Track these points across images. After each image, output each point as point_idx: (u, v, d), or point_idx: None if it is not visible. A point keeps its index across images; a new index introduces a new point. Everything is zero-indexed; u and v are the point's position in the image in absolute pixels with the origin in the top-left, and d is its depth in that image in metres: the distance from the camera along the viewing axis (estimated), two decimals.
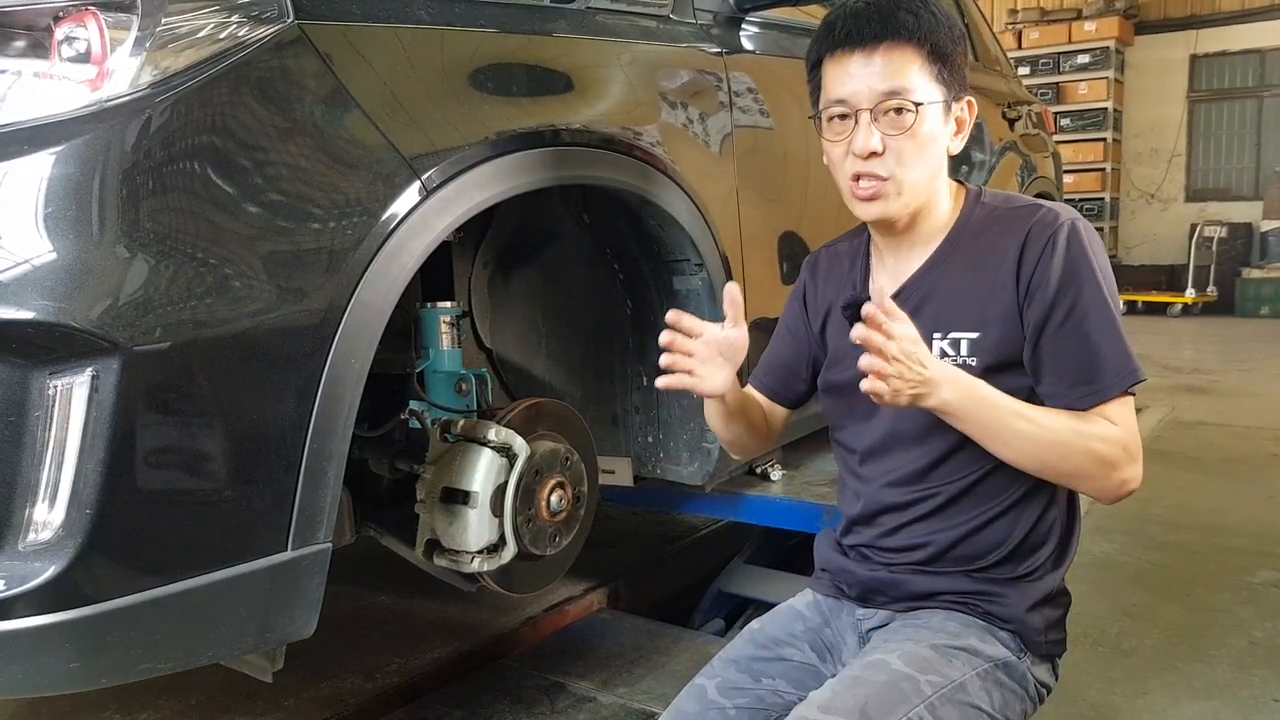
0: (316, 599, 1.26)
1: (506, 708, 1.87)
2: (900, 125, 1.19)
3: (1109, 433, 1.14)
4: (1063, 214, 1.20)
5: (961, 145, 1.26)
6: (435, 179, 1.32)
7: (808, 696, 1.15)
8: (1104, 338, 1.15)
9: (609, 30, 1.76)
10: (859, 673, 1.16)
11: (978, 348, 1.20)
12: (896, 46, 1.19)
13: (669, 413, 2.01)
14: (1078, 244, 1.17)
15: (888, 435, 1.28)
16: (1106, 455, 1.13)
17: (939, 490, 1.24)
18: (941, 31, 1.20)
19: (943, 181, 1.26)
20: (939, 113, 1.21)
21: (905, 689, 1.12)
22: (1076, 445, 1.13)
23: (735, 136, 1.97)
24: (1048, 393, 1.18)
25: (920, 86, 1.19)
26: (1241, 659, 2.22)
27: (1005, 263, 1.19)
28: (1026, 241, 1.18)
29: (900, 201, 1.23)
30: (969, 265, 1.23)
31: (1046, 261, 1.16)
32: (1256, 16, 10.29)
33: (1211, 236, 9.99)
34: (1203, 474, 3.76)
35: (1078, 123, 10.41)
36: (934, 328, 1.22)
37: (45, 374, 1.05)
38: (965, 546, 1.23)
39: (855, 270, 1.36)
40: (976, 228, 1.25)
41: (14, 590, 1.05)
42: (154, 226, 1.08)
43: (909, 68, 1.19)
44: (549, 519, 1.62)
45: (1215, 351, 7.33)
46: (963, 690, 1.15)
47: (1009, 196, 1.29)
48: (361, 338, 1.25)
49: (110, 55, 1.10)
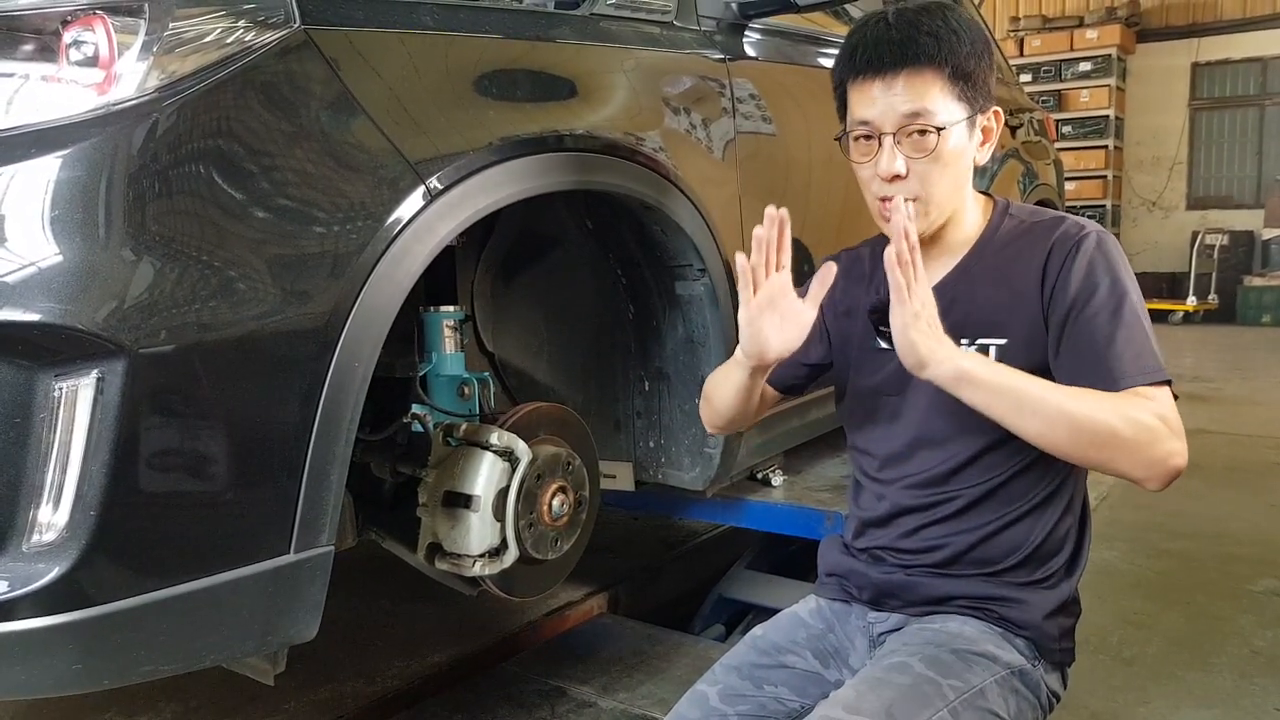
0: (318, 602, 1.26)
1: (507, 712, 1.87)
2: (923, 148, 1.20)
3: (1144, 405, 1.10)
4: (1088, 226, 1.22)
5: (989, 155, 1.27)
6: (440, 184, 1.32)
7: (830, 696, 1.15)
8: (1122, 334, 1.14)
9: (612, 36, 1.77)
10: (882, 675, 1.16)
11: (1005, 354, 1.20)
12: (918, 72, 1.19)
13: (670, 418, 2.01)
14: (1100, 252, 1.19)
15: (913, 440, 1.28)
16: (1145, 422, 1.07)
17: (960, 494, 1.24)
18: (963, 50, 1.20)
19: (969, 192, 1.28)
20: (963, 130, 1.22)
21: (929, 692, 1.12)
22: (1112, 413, 1.08)
23: (738, 142, 1.97)
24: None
25: (942, 109, 1.20)
26: (1242, 667, 2.21)
27: (1030, 272, 1.20)
28: (1051, 251, 1.20)
29: (927, 220, 1.24)
30: (995, 275, 1.24)
31: (1069, 267, 1.18)
32: (1258, 25, 10.30)
33: (1213, 244, 9.99)
34: (1204, 482, 3.75)
35: (1079, 130, 10.42)
36: (960, 334, 1.22)
37: (50, 376, 1.06)
38: (983, 549, 1.24)
39: (878, 275, 1.34)
40: (1003, 239, 1.27)
41: (18, 591, 1.05)
42: (160, 230, 1.09)
43: (930, 91, 1.19)
44: (550, 523, 1.62)
45: (1216, 359, 7.32)
46: (982, 696, 1.15)
47: (1036, 210, 1.30)
48: (365, 341, 1.25)
49: (118, 59, 1.10)
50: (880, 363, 1.31)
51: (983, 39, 1.24)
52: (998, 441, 1.21)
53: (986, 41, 1.25)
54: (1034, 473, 1.23)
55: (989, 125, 1.26)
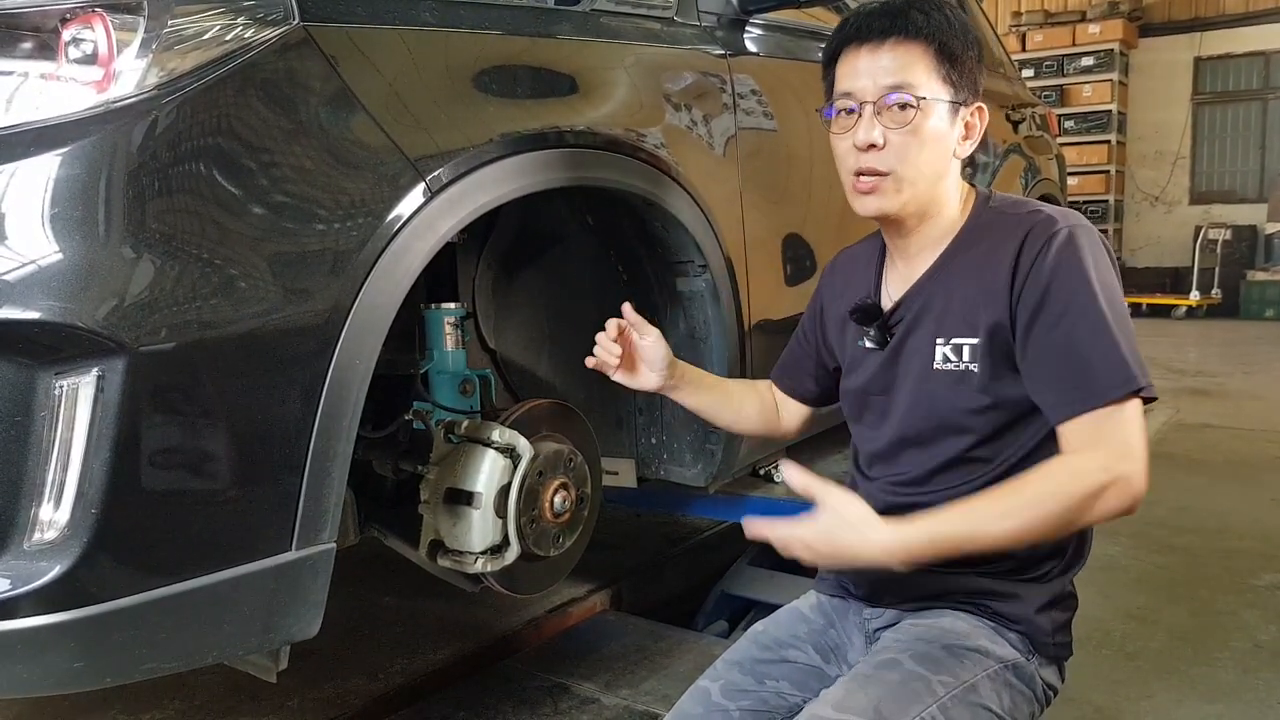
0: (320, 599, 1.26)
1: (510, 709, 1.87)
2: (902, 120, 1.19)
3: (1071, 464, 1.08)
4: (1062, 220, 1.17)
5: (969, 150, 1.25)
6: (440, 180, 1.32)
7: (820, 694, 1.15)
8: (1096, 343, 1.10)
9: (613, 32, 1.76)
10: (871, 672, 1.16)
11: (978, 353, 1.19)
12: (904, 42, 1.19)
13: (672, 414, 2.01)
14: (1072, 249, 1.14)
15: (897, 440, 1.27)
16: (1092, 482, 1.06)
17: (941, 495, 1.23)
18: (953, 33, 1.20)
19: (951, 186, 1.25)
20: (945, 113, 1.20)
21: (918, 689, 1.12)
22: (1057, 496, 1.06)
23: (739, 138, 1.97)
24: (1041, 400, 1.15)
25: (925, 83, 1.19)
26: (1246, 662, 2.21)
27: (1002, 267, 1.17)
28: (1023, 246, 1.16)
29: (898, 199, 1.22)
30: (971, 269, 1.22)
31: (1039, 266, 1.14)
32: (1261, 19, 10.28)
33: (1216, 239, 9.97)
34: (1207, 477, 3.75)
35: (1081, 125, 10.41)
36: (937, 333, 1.22)
37: (51, 374, 1.06)
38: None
39: (869, 274, 1.35)
40: (981, 231, 1.24)
41: (19, 589, 1.05)
42: (160, 227, 1.09)
43: (916, 64, 1.19)
44: (552, 520, 1.62)
45: (1219, 354, 7.31)
46: (974, 691, 1.15)
47: (1017, 201, 1.27)
48: (366, 339, 1.25)
49: (117, 57, 1.10)
50: (867, 363, 1.31)
51: (973, 36, 1.23)
52: (978, 442, 1.20)
53: (976, 39, 1.24)
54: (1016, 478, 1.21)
55: (972, 121, 1.24)
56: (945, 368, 1.21)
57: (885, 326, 1.28)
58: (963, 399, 1.20)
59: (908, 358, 1.26)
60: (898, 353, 1.27)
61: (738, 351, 1.93)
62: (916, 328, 1.25)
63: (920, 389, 1.23)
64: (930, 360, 1.22)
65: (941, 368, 1.21)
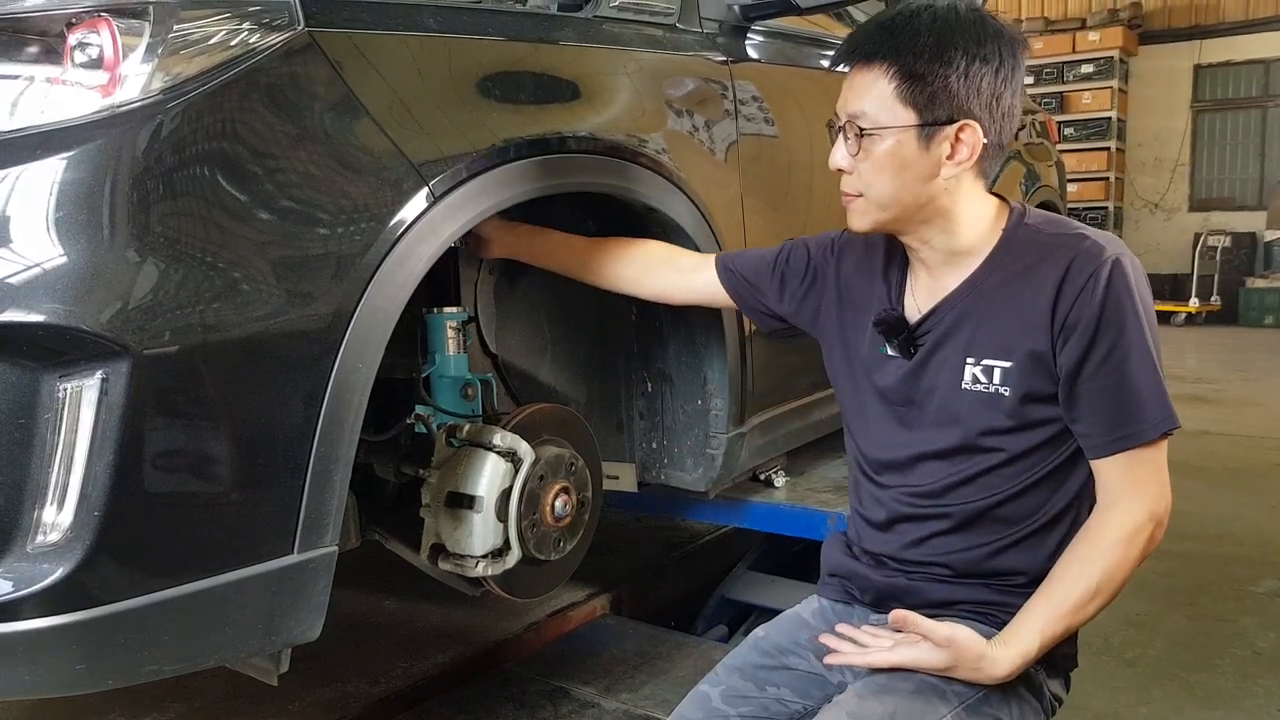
0: (322, 602, 1.26)
1: (510, 713, 1.87)
2: (857, 148, 1.19)
3: (1125, 523, 1.15)
4: (1109, 249, 1.15)
5: (964, 169, 1.19)
6: (443, 185, 1.32)
7: (834, 700, 1.15)
8: (1144, 381, 1.12)
9: (615, 39, 1.77)
10: (885, 680, 1.15)
11: (1009, 377, 1.18)
12: (863, 67, 1.18)
13: (673, 419, 2.01)
14: (1121, 281, 1.13)
15: (918, 453, 1.26)
16: (1137, 534, 1.15)
17: (956, 509, 1.23)
18: (917, 52, 1.14)
19: (962, 203, 1.21)
20: (910, 138, 1.16)
21: (932, 698, 1.12)
22: (1119, 566, 1.14)
23: (740, 144, 1.97)
24: (1083, 433, 1.16)
25: (881, 110, 1.16)
26: (1245, 669, 2.21)
27: (1042, 295, 1.15)
28: (1066, 275, 1.14)
29: (871, 219, 1.22)
30: (1007, 291, 1.19)
31: (1086, 300, 1.12)
32: (1261, 27, 10.30)
33: (1215, 246, 9.99)
34: (1206, 483, 3.75)
35: (1081, 132, 10.43)
36: (967, 352, 1.20)
37: (55, 377, 1.06)
38: (988, 565, 1.23)
39: (891, 275, 1.33)
40: (1018, 250, 1.21)
41: (22, 591, 1.05)
42: (164, 231, 1.09)
43: (871, 90, 1.17)
44: (553, 524, 1.62)
45: (1219, 361, 7.32)
46: (986, 701, 1.15)
47: (1053, 219, 1.24)
48: (369, 343, 1.25)
49: (123, 61, 1.10)
50: (888, 369, 1.29)
51: (957, 47, 1.14)
52: (1002, 462, 1.20)
53: (965, 50, 1.14)
54: (1037, 494, 1.21)
55: (962, 139, 1.16)
56: (974, 388, 1.20)
57: (911, 338, 1.27)
58: (990, 420, 1.19)
59: (933, 373, 1.24)
60: (923, 366, 1.25)
61: (738, 358, 1.94)
62: (945, 343, 1.23)
63: (946, 406, 1.22)
64: (959, 378, 1.21)
65: (970, 388, 1.20)
